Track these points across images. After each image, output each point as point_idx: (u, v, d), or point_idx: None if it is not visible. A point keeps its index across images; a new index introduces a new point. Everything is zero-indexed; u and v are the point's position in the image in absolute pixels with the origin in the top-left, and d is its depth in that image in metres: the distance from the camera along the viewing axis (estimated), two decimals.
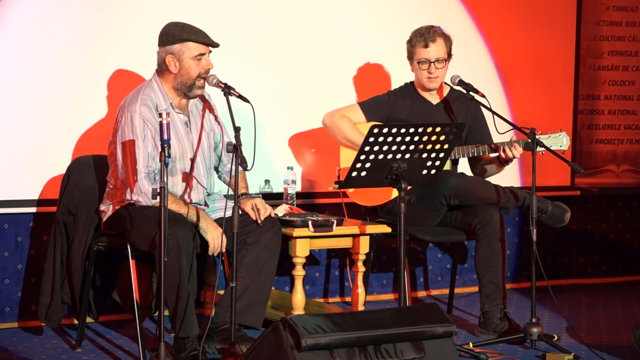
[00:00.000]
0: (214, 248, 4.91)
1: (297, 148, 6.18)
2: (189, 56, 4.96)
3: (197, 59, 4.97)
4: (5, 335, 5.43)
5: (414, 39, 5.70)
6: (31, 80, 5.48)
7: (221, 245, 4.91)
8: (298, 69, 6.15)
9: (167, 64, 4.97)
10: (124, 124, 4.91)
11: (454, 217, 5.70)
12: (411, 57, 5.73)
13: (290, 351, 3.97)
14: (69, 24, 5.54)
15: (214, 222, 4.94)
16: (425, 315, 4.27)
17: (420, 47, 5.67)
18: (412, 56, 5.72)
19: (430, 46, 5.65)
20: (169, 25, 5.01)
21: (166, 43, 4.97)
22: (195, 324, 4.79)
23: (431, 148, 4.94)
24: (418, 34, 5.69)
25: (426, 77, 5.70)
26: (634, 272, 7.41)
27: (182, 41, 4.94)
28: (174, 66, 4.97)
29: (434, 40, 5.66)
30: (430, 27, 5.69)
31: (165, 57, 4.98)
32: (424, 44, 5.65)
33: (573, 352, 5.12)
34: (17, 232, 5.58)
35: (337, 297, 6.45)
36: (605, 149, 7.32)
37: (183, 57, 4.96)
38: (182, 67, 4.97)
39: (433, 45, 5.65)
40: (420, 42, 5.66)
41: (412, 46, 5.70)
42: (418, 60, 5.68)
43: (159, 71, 5.04)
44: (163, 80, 5.03)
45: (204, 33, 4.98)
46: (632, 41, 7.34)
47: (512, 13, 6.78)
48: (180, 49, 4.95)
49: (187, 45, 4.95)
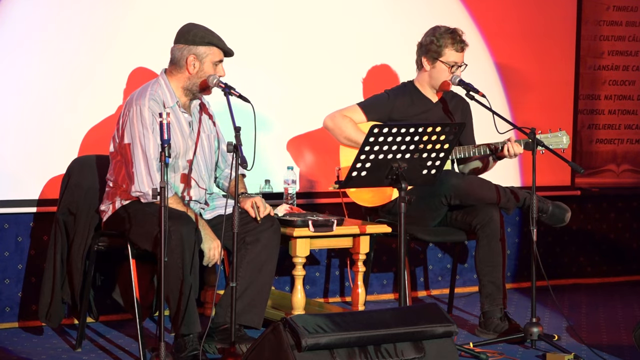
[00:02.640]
0: (210, 259, 4.91)
1: (297, 148, 6.18)
2: (212, 60, 4.99)
3: (215, 64, 5.00)
4: (5, 335, 5.43)
5: (445, 40, 5.66)
6: (31, 80, 5.48)
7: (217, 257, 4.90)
8: (298, 68, 6.15)
9: (188, 63, 4.98)
10: (133, 117, 4.91)
11: (454, 217, 5.70)
12: (435, 57, 5.71)
13: (290, 351, 3.97)
14: (69, 24, 5.54)
15: (212, 232, 4.94)
16: (425, 315, 4.27)
17: (453, 50, 5.66)
18: (439, 56, 5.69)
19: (464, 50, 5.69)
20: (191, 26, 5.02)
21: (191, 43, 4.97)
22: (197, 321, 4.79)
23: (431, 148, 4.94)
24: (450, 37, 5.66)
25: (448, 78, 5.71)
26: (634, 272, 7.41)
27: (209, 45, 4.97)
28: (193, 67, 4.99)
29: (466, 45, 5.71)
30: (458, 31, 5.69)
31: (187, 56, 4.98)
32: (459, 48, 5.67)
33: (573, 352, 5.12)
34: (17, 232, 5.58)
35: (337, 297, 6.45)
36: (605, 149, 7.32)
37: (205, 60, 4.98)
38: (201, 69, 4.99)
39: (466, 51, 5.70)
40: (455, 45, 5.66)
41: (441, 46, 5.67)
42: (448, 63, 5.67)
43: (170, 69, 5.04)
44: (172, 79, 5.03)
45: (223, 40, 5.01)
46: (632, 41, 7.34)
47: (512, 13, 6.78)
48: (205, 52, 4.98)
49: (213, 50, 4.98)
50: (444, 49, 5.68)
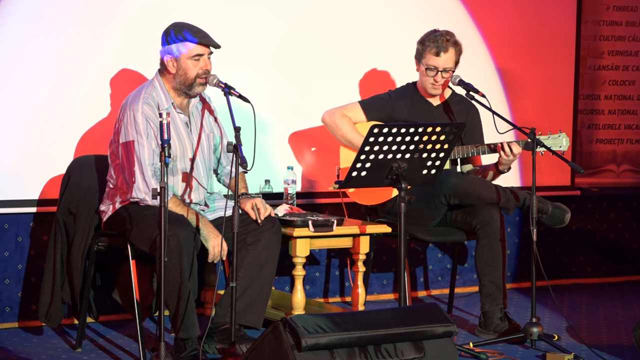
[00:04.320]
0: (214, 256, 4.91)
1: (297, 148, 6.18)
2: (187, 56, 4.95)
3: (194, 59, 4.96)
4: (5, 335, 5.43)
5: (426, 43, 5.61)
6: (31, 80, 5.48)
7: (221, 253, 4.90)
8: (298, 68, 6.14)
9: (166, 63, 4.98)
10: (127, 123, 4.90)
11: (454, 217, 5.70)
12: (419, 59, 5.69)
13: (290, 351, 3.97)
14: (69, 24, 5.54)
15: (214, 229, 4.93)
16: (425, 315, 4.26)
17: (431, 53, 5.59)
18: (421, 59, 5.68)
19: (441, 55, 5.58)
20: (170, 26, 5.01)
21: (166, 43, 4.97)
22: (196, 325, 4.79)
23: (431, 148, 4.94)
24: (432, 40, 5.60)
25: (430, 83, 5.66)
26: (634, 272, 7.41)
27: (181, 41, 4.94)
28: (172, 66, 4.97)
29: (446, 50, 5.58)
30: (444, 34, 5.60)
31: (164, 56, 4.99)
32: (435, 52, 5.58)
33: (573, 352, 5.12)
34: (17, 232, 5.58)
35: (337, 297, 6.45)
36: (605, 149, 7.32)
37: (181, 57, 4.96)
38: (179, 67, 4.97)
39: (444, 55, 5.58)
40: (432, 49, 5.58)
41: (423, 49, 5.63)
42: (426, 66, 5.64)
43: (160, 71, 5.05)
44: (164, 80, 5.03)
45: (204, 33, 4.97)
46: (632, 41, 7.34)
47: (512, 13, 6.78)
48: (178, 49, 4.95)
49: (186, 45, 4.94)
50: (424, 53, 5.62)
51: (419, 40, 5.68)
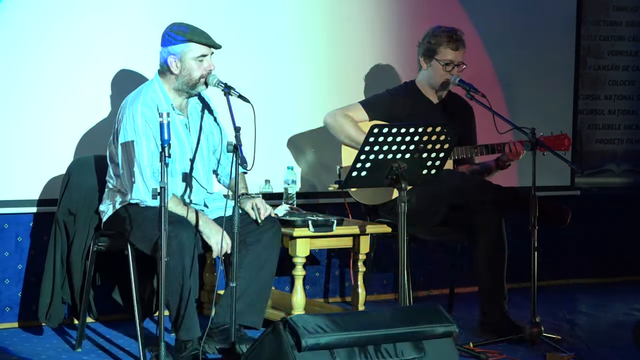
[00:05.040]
0: (219, 252, 4.90)
1: (297, 148, 6.17)
2: (191, 57, 4.95)
3: (199, 60, 4.96)
4: (5, 335, 5.42)
5: (441, 38, 5.67)
6: (31, 79, 5.48)
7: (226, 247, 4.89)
8: (298, 68, 6.14)
9: (169, 64, 4.97)
10: (126, 124, 4.90)
11: (454, 217, 5.69)
12: (431, 56, 5.70)
13: (290, 351, 3.97)
14: (69, 24, 5.54)
15: (215, 225, 4.92)
16: (425, 315, 4.26)
17: (449, 48, 5.65)
18: (434, 55, 5.69)
19: (460, 49, 5.67)
20: (171, 26, 5.00)
21: (168, 43, 4.96)
22: (196, 327, 4.79)
23: (431, 148, 4.94)
24: (447, 35, 5.67)
25: (446, 78, 5.69)
26: (634, 272, 7.40)
27: (185, 42, 4.93)
28: (175, 67, 4.96)
29: (464, 45, 5.69)
30: (456, 30, 5.69)
31: (167, 57, 4.97)
32: (454, 46, 5.65)
33: (573, 352, 5.12)
34: (17, 232, 5.58)
35: (337, 297, 6.45)
36: (605, 149, 7.33)
37: (185, 57, 4.95)
38: (183, 67, 4.96)
39: (462, 50, 5.68)
40: (451, 44, 5.65)
41: (437, 45, 5.67)
42: (443, 61, 5.66)
43: (160, 72, 5.04)
44: (164, 81, 5.02)
45: (206, 34, 4.97)
46: (632, 41, 7.34)
47: (511, 13, 6.78)
48: (182, 50, 4.94)
49: (190, 46, 4.94)
50: (439, 47, 5.67)
51: (427, 38, 5.70)
